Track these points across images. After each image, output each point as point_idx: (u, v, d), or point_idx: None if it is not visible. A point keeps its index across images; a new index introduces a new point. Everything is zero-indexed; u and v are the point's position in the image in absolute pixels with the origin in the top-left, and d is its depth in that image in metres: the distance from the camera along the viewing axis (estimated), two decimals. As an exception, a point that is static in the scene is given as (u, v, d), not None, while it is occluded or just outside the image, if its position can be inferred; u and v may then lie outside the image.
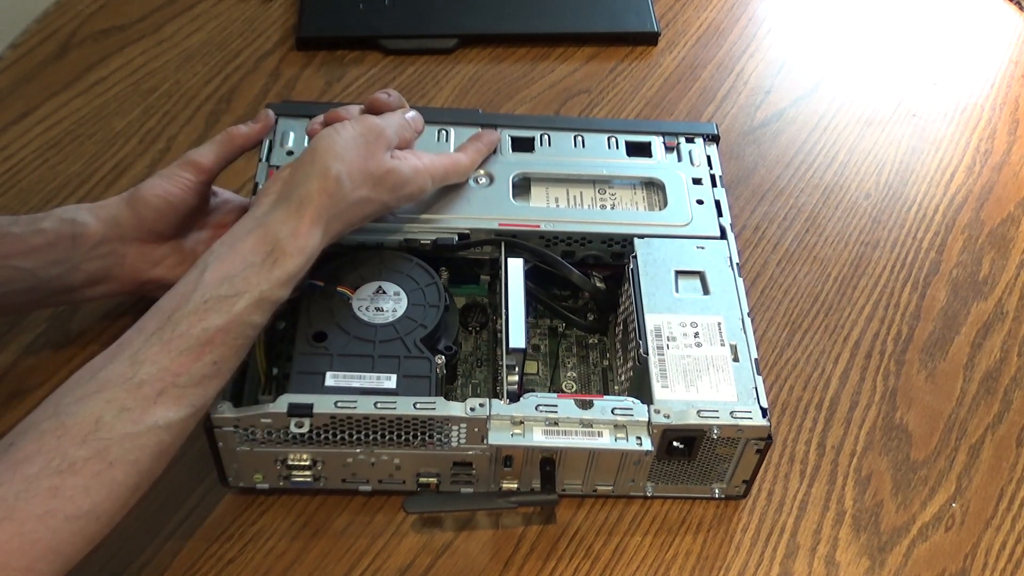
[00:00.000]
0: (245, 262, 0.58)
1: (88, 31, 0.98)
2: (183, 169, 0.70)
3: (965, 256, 0.85)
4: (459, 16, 1.02)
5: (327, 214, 0.61)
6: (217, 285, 0.57)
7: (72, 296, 0.69)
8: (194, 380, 0.55)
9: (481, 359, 0.72)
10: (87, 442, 0.52)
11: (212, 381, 0.57)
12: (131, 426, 0.53)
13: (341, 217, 0.63)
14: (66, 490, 0.50)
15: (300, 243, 0.60)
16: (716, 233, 0.72)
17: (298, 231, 0.60)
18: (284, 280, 0.59)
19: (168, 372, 0.55)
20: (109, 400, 0.53)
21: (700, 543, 0.67)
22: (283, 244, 0.59)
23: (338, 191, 0.62)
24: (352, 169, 0.63)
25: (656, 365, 0.64)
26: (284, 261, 0.59)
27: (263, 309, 0.58)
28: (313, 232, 0.60)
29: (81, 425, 0.52)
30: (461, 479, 0.65)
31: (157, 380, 0.54)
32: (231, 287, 0.57)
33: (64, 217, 0.67)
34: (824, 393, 0.76)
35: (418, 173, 0.67)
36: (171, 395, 0.54)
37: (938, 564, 0.67)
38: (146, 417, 0.53)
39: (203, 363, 0.56)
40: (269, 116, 0.75)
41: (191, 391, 0.55)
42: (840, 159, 0.93)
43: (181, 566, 0.64)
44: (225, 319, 0.56)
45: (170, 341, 0.55)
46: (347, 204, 0.62)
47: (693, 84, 0.98)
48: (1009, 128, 0.97)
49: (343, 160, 0.62)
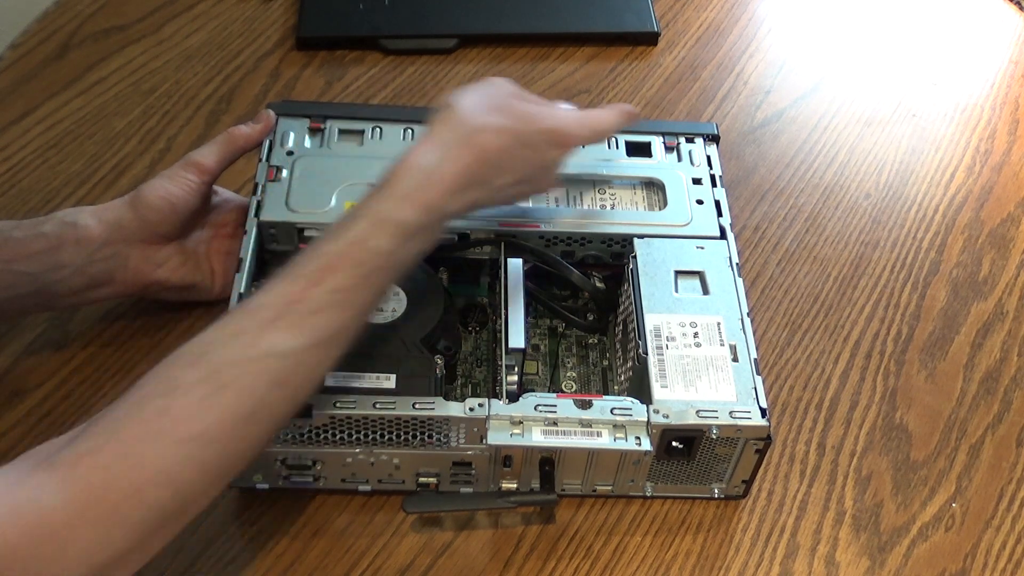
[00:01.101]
0: (365, 197, 0.57)
1: (88, 31, 0.98)
2: (185, 170, 0.70)
3: (965, 256, 0.85)
4: (459, 16, 1.02)
5: (446, 139, 0.59)
6: (340, 218, 0.56)
7: (75, 299, 0.69)
8: (313, 308, 0.53)
9: (481, 359, 0.72)
10: (198, 364, 0.50)
11: (337, 312, 0.53)
12: (245, 350, 0.51)
13: (467, 143, 0.59)
14: (175, 411, 0.48)
15: (416, 160, 0.57)
16: (716, 233, 0.72)
17: (414, 152, 0.58)
18: (401, 196, 0.56)
19: (285, 298, 0.53)
20: (224, 325, 0.52)
21: (700, 543, 0.67)
22: (396, 166, 0.58)
23: (456, 116, 0.59)
24: (472, 100, 0.61)
25: (655, 365, 0.64)
26: (395, 178, 0.57)
27: (385, 231, 0.55)
28: (430, 152, 0.58)
29: (195, 349, 0.51)
30: (461, 479, 0.65)
31: (273, 305, 0.52)
32: (349, 218, 0.56)
33: (66, 220, 0.67)
34: (824, 393, 0.76)
35: (548, 110, 0.64)
36: (288, 321, 0.52)
37: (938, 564, 0.67)
38: (260, 341, 0.51)
39: (322, 289, 0.53)
40: (270, 116, 0.75)
41: (310, 319, 0.52)
42: (840, 159, 0.93)
43: (181, 565, 0.64)
44: (341, 243, 0.55)
45: (290, 272, 0.54)
46: (470, 128, 0.59)
47: (693, 84, 0.98)
48: (1009, 128, 0.97)
49: (463, 96, 0.61)
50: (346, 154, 0.75)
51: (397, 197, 0.56)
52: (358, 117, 0.78)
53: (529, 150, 0.62)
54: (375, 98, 0.95)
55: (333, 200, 0.71)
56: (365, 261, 0.55)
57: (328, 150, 0.75)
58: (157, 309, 0.76)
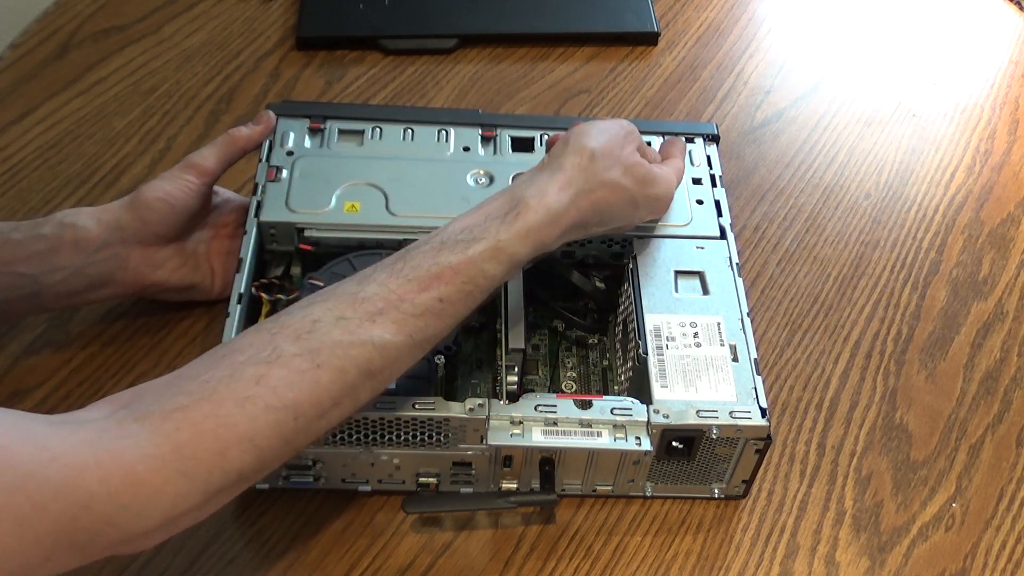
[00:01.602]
0: (488, 216, 0.59)
1: (88, 31, 0.98)
2: (185, 171, 0.70)
3: (965, 256, 0.85)
4: (459, 16, 1.02)
5: (577, 185, 0.61)
6: (458, 232, 0.58)
7: (75, 300, 0.69)
8: (417, 310, 0.55)
9: (481, 359, 0.72)
10: (300, 339, 0.52)
11: (435, 319, 0.56)
12: (345, 335, 0.53)
13: (591, 194, 0.62)
14: (270, 380, 0.50)
15: (546, 201, 0.60)
16: (716, 233, 0.72)
17: (545, 191, 0.60)
18: (524, 232, 0.59)
19: (393, 294, 0.55)
20: (330, 308, 0.54)
21: (700, 543, 0.67)
22: (528, 201, 0.60)
23: (590, 166, 0.62)
24: (605, 150, 0.63)
25: (655, 365, 0.64)
26: (526, 214, 0.59)
27: (499, 260, 0.58)
28: (560, 195, 0.61)
29: (298, 324, 0.52)
30: (461, 479, 0.65)
31: (380, 299, 0.54)
32: (470, 234, 0.58)
33: (65, 222, 0.67)
34: (824, 393, 0.76)
35: (665, 174, 0.68)
36: (390, 317, 0.54)
37: (938, 564, 0.67)
38: (361, 330, 0.53)
39: (429, 296, 0.55)
40: (270, 117, 0.75)
41: (412, 320, 0.55)
42: (840, 159, 0.93)
43: (181, 566, 0.64)
44: (459, 258, 0.57)
45: (400, 270, 0.56)
46: (598, 181, 0.62)
47: (693, 84, 0.98)
48: (1009, 128, 0.97)
49: (597, 140, 0.63)
50: (346, 154, 0.75)
51: (521, 233, 0.59)
52: (358, 117, 0.78)
53: (633, 209, 0.66)
54: (375, 98, 0.95)
55: (333, 200, 0.71)
56: (473, 280, 0.57)
57: (328, 150, 0.75)
58: (157, 309, 0.76)
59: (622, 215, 0.66)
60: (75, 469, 0.44)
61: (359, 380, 0.53)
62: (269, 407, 0.50)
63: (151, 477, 0.46)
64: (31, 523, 0.43)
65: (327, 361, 0.52)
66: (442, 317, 0.56)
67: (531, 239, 0.59)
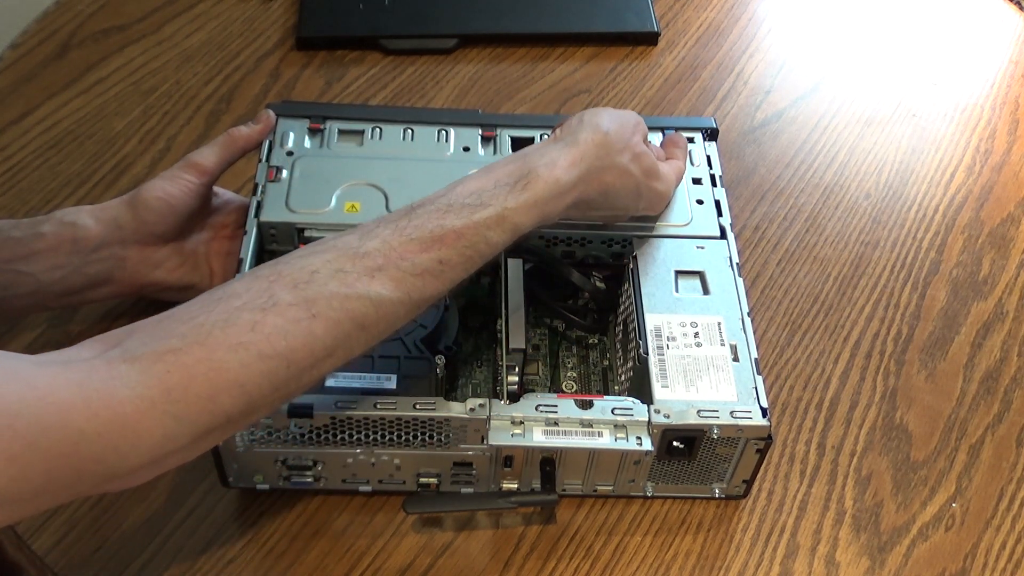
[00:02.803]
0: (497, 182, 0.59)
1: (88, 31, 0.98)
2: (184, 171, 0.70)
3: (965, 256, 0.85)
4: (459, 16, 1.02)
5: (588, 163, 0.62)
6: (465, 196, 0.58)
7: (74, 299, 0.69)
8: (415, 269, 0.55)
9: (481, 359, 0.72)
10: (297, 289, 0.52)
11: (433, 280, 0.56)
12: (342, 287, 0.52)
13: (600, 175, 0.62)
14: (265, 327, 0.50)
15: (556, 174, 0.60)
16: (716, 233, 0.72)
17: (556, 163, 0.60)
18: (530, 203, 0.58)
19: (393, 252, 0.54)
20: (329, 260, 0.53)
21: (700, 543, 0.67)
22: (538, 171, 0.60)
23: (604, 145, 0.63)
24: (618, 134, 0.64)
25: (656, 365, 0.64)
26: (535, 184, 0.59)
27: (503, 228, 0.58)
28: (570, 171, 0.61)
29: (296, 274, 0.52)
30: (461, 479, 0.65)
31: (380, 255, 0.54)
32: (478, 199, 0.58)
33: (65, 220, 0.67)
34: (824, 393, 0.76)
35: (668, 171, 0.69)
36: (389, 274, 0.54)
37: (938, 564, 0.67)
38: (359, 284, 0.53)
39: (429, 256, 0.55)
40: (270, 117, 0.75)
41: (410, 279, 0.55)
42: (840, 159, 0.93)
43: (181, 565, 0.64)
44: (463, 222, 0.56)
45: (404, 228, 0.56)
46: (609, 162, 0.63)
47: (693, 84, 0.98)
48: (1009, 128, 0.97)
49: (611, 123, 0.64)
50: (346, 154, 0.75)
51: (528, 203, 0.59)
52: (358, 117, 0.78)
53: (633, 199, 0.66)
54: (375, 98, 0.95)
55: (333, 200, 0.71)
56: (475, 245, 0.57)
57: (328, 150, 0.75)
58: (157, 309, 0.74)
59: (623, 202, 0.66)
60: (64, 408, 0.44)
61: (353, 332, 0.53)
62: (262, 354, 0.49)
63: (140, 418, 0.46)
64: (21, 461, 0.43)
65: (323, 312, 0.52)
66: (440, 279, 0.56)
67: (537, 210, 0.59)
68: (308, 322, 0.51)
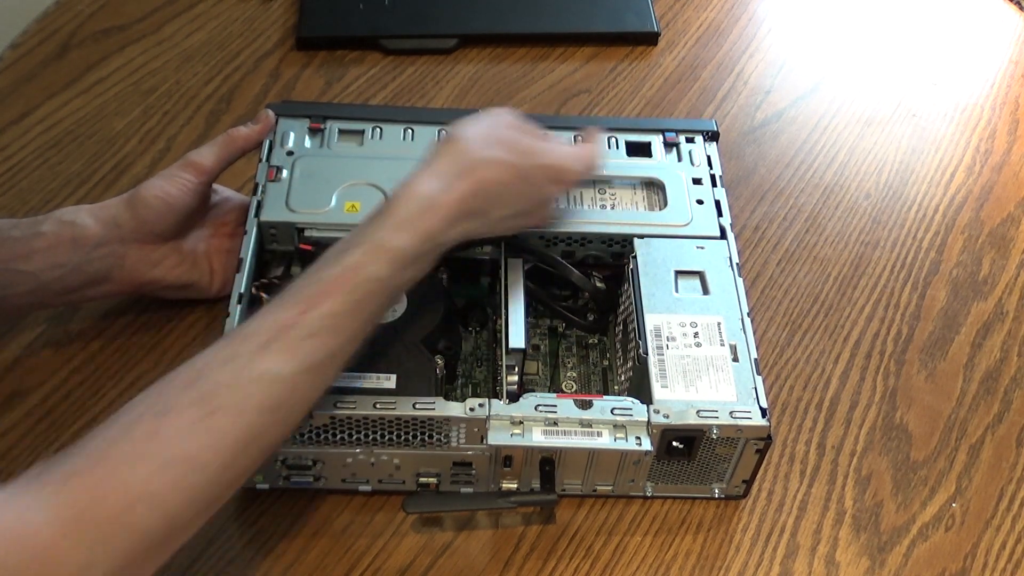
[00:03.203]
0: (362, 224, 0.58)
1: (88, 31, 0.98)
2: (183, 170, 0.70)
3: (965, 256, 0.85)
4: (459, 16, 1.02)
5: (447, 170, 0.60)
6: (336, 248, 0.57)
7: (73, 297, 0.69)
8: (306, 332, 0.53)
9: (481, 359, 0.72)
10: (190, 389, 0.50)
11: (329, 337, 0.53)
12: (236, 375, 0.51)
13: (470, 175, 0.60)
14: (164, 434, 0.48)
15: (416, 190, 0.58)
16: (716, 233, 0.72)
17: (415, 182, 0.59)
18: (398, 224, 0.57)
19: (278, 323, 0.53)
20: (218, 350, 0.52)
21: (700, 543, 0.67)
22: (396, 194, 0.59)
23: (462, 149, 0.61)
24: (477, 133, 0.62)
25: (656, 365, 0.64)
26: (396, 206, 0.58)
27: (382, 259, 0.56)
28: (431, 182, 0.59)
29: (187, 373, 0.51)
30: (461, 479, 0.65)
31: (266, 330, 0.52)
32: (347, 244, 0.57)
33: (64, 219, 0.67)
34: (824, 393, 0.76)
35: (553, 146, 0.66)
36: (280, 345, 0.52)
37: (938, 564, 0.67)
38: (252, 366, 0.51)
39: (316, 314, 0.53)
40: (269, 117, 0.75)
41: (304, 344, 0.52)
42: (840, 159, 0.93)
43: (181, 565, 0.64)
44: (338, 269, 0.55)
45: (283, 298, 0.54)
46: (472, 160, 0.61)
47: (693, 84, 0.98)
48: (1009, 128, 0.97)
49: (469, 128, 0.63)
50: (346, 154, 0.75)
51: (395, 225, 0.57)
52: (358, 117, 0.78)
53: (528, 184, 0.64)
54: (375, 98, 0.95)
55: (333, 200, 0.71)
56: (360, 287, 0.55)
57: (328, 150, 0.75)
58: (157, 308, 0.76)
59: (518, 192, 0.63)
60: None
61: (261, 419, 0.51)
62: (167, 462, 0.48)
63: (56, 546, 0.44)
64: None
65: (222, 405, 0.49)
66: (338, 333, 0.54)
67: (410, 230, 0.57)
68: (209, 419, 0.49)
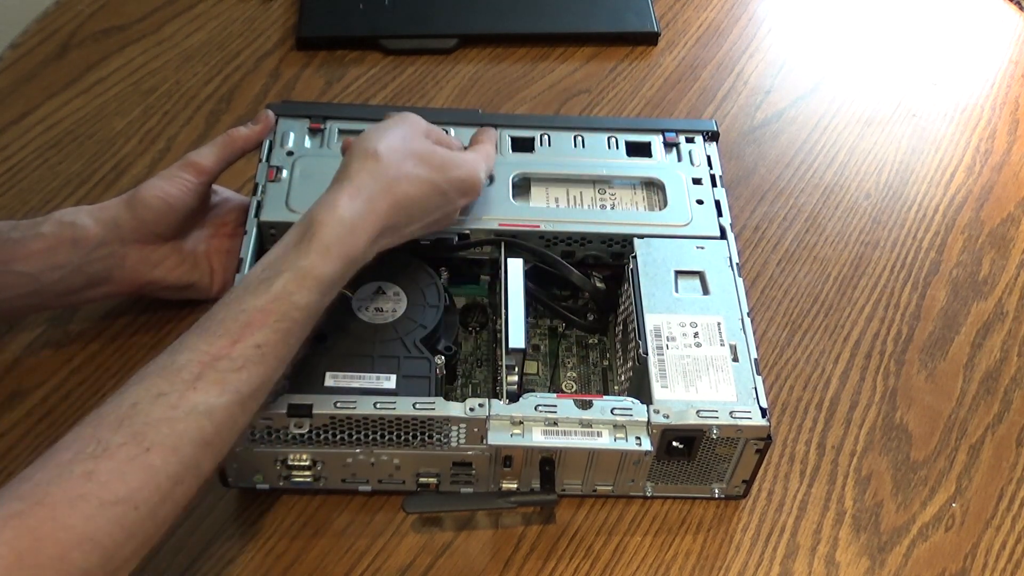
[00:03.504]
0: (285, 247, 0.58)
1: (88, 31, 0.98)
2: (183, 170, 0.70)
3: (965, 256, 0.85)
4: (459, 16, 1.02)
5: (368, 188, 0.60)
6: (259, 273, 0.56)
7: (73, 298, 0.69)
8: (235, 364, 0.53)
9: (481, 359, 0.72)
10: (123, 427, 0.49)
11: (257, 368, 0.54)
12: (168, 411, 0.50)
13: (388, 193, 0.61)
14: (100, 475, 0.48)
15: (337, 213, 0.58)
16: (716, 233, 0.72)
17: (335, 203, 0.59)
18: (323, 251, 0.57)
19: (206, 355, 0.52)
20: (147, 387, 0.51)
21: (700, 543, 0.67)
22: (319, 217, 0.58)
23: (377, 165, 0.61)
24: (391, 146, 0.62)
25: (656, 365, 0.64)
26: (320, 231, 0.57)
27: (307, 287, 0.56)
28: (352, 203, 0.59)
29: (117, 411, 0.50)
30: (461, 479, 0.65)
31: (195, 364, 0.52)
32: (270, 271, 0.56)
33: (63, 220, 0.67)
34: (824, 393, 0.76)
35: (465, 157, 0.67)
36: (210, 379, 0.52)
37: (938, 564, 0.67)
38: (183, 402, 0.51)
39: (244, 345, 0.53)
40: (269, 117, 0.75)
41: (233, 376, 0.53)
42: (840, 159, 0.93)
43: (181, 566, 0.64)
44: (264, 299, 0.55)
45: (208, 328, 0.54)
46: (391, 177, 0.61)
47: (693, 84, 0.98)
48: (1009, 128, 0.97)
49: (381, 140, 0.62)
50: (346, 154, 0.75)
51: (320, 251, 0.57)
52: (358, 117, 0.78)
53: (442, 198, 0.65)
54: (375, 98, 0.95)
55: (333, 200, 0.71)
56: (286, 316, 0.55)
57: (328, 150, 0.75)
58: (157, 308, 0.76)
59: (434, 206, 0.64)
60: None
61: (195, 452, 0.51)
62: (104, 503, 0.47)
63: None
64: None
65: (156, 442, 0.50)
66: (264, 363, 0.54)
67: (333, 255, 0.57)
68: (143, 457, 0.49)
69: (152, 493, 0.49)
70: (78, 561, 0.46)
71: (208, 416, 0.52)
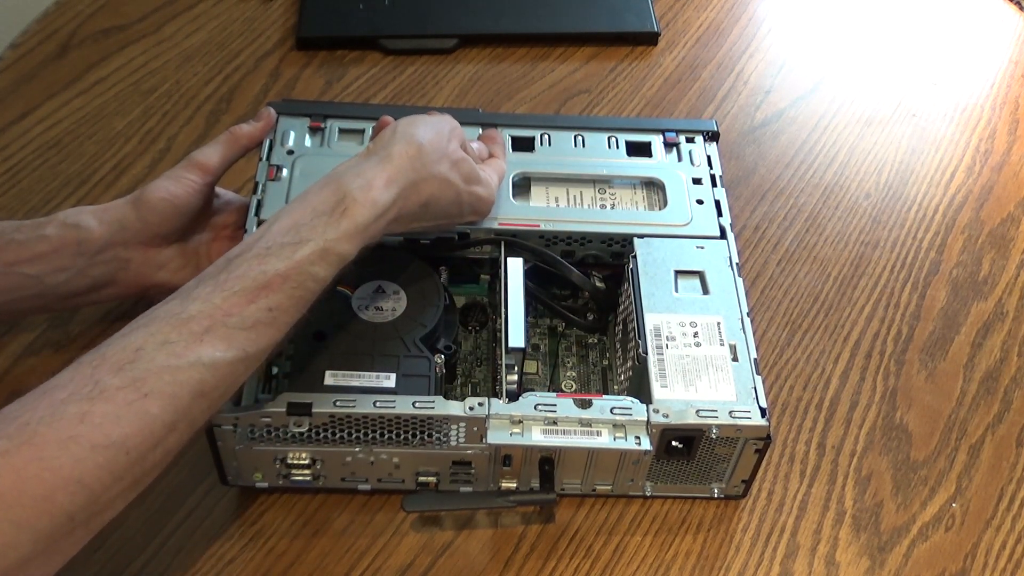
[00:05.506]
0: (314, 212, 0.57)
1: (88, 31, 0.98)
2: (188, 170, 0.70)
3: (965, 256, 0.85)
4: (459, 16, 1.02)
5: (405, 177, 0.60)
6: (283, 233, 0.56)
7: (77, 300, 0.69)
8: (246, 323, 0.53)
9: (481, 358, 0.72)
10: (123, 370, 0.49)
11: (266, 329, 0.53)
12: (172, 359, 0.50)
13: (419, 188, 0.61)
14: (95, 416, 0.47)
15: (373, 195, 0.58)
16: (716, 233, 0.72)
17: (372, 184, 0.58)
18: (351, 232, 0.57)
19: (218, 310, 0.52)
20: (153, 333, 0.51)
21: (700, 543, 0.67)
22: (354, 194, 0.58)
23: (420, 156, 0.61)
24: (434, 143, 0.63)
25: (655, 365, 0.64)
26: (354, 210, 0.57)
27: (328, 261, 0.56)
28: (388, 189, 0.59)
29: (120, 354, 0.50)
30: (460, 478, 0.65)
31: (205, 317, 0.52)
32: (296, 235, 0.56)
33: (68, 222, 0.67)
34: (824, 393, 0.76)
35: (488, 175, 0.68)
36: (218, 334, 0.52)
37: (938, 564, 0.67)
38: (189, 352, 0.51)
39: (257, 306, 0.53)
40: (271, 114, 0.75)
41: (241, 334, 0.52)
42: (840, 159, 0.93)
43: (181, 566, 0.64)
44: (286, 264, 0.54)
45: (225, 282, 0.53)
46: (427, 174, 0.61)
47: (693, 84, 0.98)
48: (1009, 128, 0.97)
49: (426, 134, 0.63)
50: (346, 153, 0.74)
51: (349, 231, 0.57)
52: (358, 116, 0.78)
53: (457, 208, 0.65)
54: (375, 98, 0.95)
55: (333, 200, 0.71)
56: (303, 284, 0.55)
57: (328, 149, 0.75)
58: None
59: (446, 211, 0.64)
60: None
61: (192, 403, 0.51)
62: (96, 446, 0.47)
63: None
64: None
65: (155, 389, 0.49)
66: (274, 326, 0.54)
67: (359, 237, 0.57)
68: (141, 403, 0.48)
69: (145, 439, 0.49)
70: (63, 502, 0.46)
71: (211, 369, 0.51)
